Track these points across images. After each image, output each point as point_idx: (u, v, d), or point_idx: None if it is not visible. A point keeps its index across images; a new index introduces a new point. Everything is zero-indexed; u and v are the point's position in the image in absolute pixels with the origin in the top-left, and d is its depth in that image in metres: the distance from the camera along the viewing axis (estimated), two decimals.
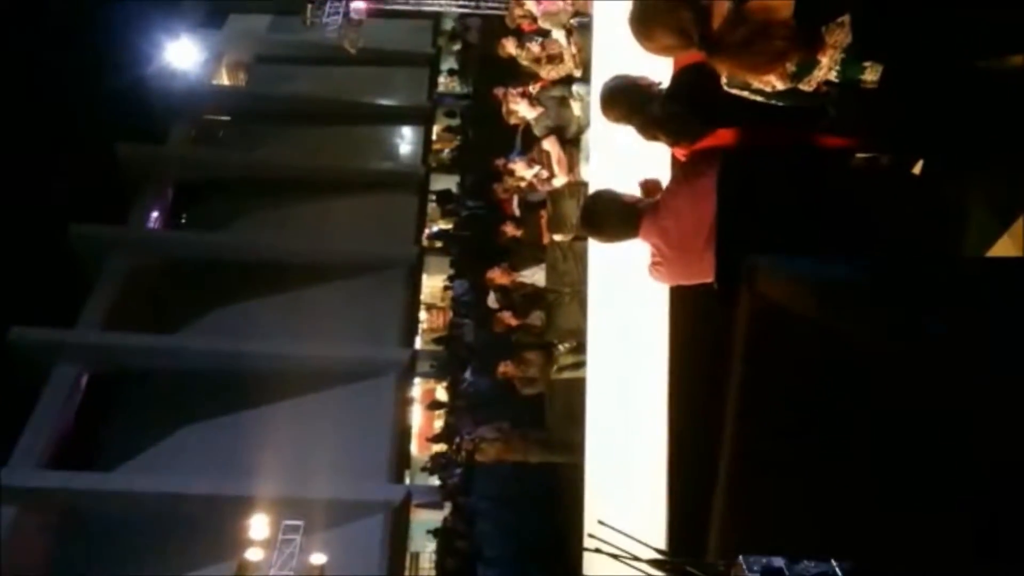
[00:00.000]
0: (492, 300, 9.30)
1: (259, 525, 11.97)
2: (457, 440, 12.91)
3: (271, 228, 19.75)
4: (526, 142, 8.78)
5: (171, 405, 16.44)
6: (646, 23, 2.79)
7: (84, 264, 18.49)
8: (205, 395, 16.45)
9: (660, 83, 3.37)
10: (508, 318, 8.92)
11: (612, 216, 3.17)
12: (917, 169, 2.99)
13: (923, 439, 1.36)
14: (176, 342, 17.39)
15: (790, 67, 2.53)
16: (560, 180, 8.11)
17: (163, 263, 19.18)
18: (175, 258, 19.19)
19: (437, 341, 17.22)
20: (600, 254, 5.54)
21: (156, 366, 17.08)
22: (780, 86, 2.62)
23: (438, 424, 15.87)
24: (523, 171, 8.65)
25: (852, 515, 1.60)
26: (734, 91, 2.77)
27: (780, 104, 2.73)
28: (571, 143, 8.18)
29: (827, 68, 2.51)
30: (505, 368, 8.56)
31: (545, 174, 8.33)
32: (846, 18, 2.41)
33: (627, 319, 4.99)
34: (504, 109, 8.71)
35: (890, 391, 1.38)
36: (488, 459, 8.98)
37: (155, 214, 20.84)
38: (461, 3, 16.94)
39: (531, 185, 8.73)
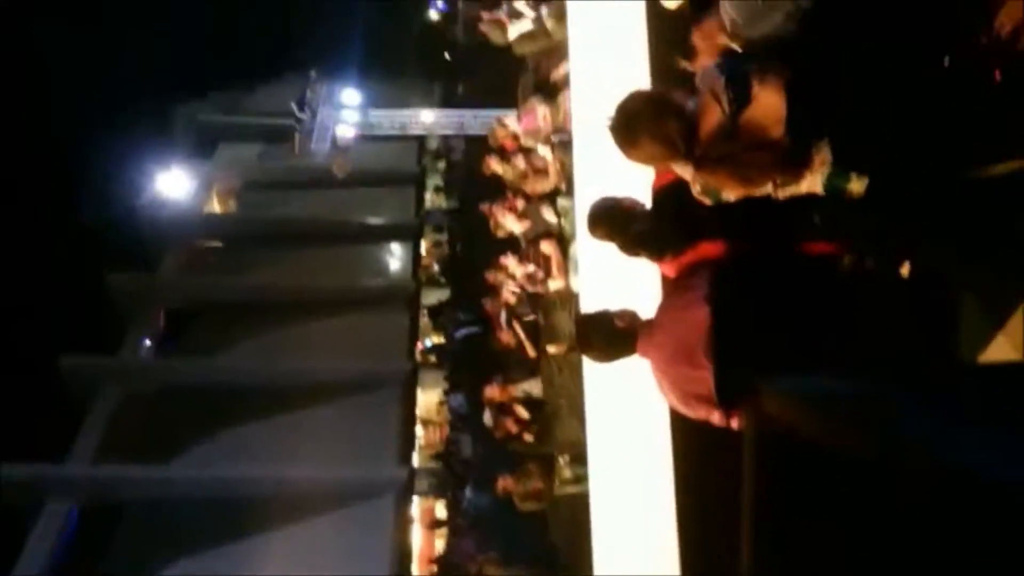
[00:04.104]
0: (488, 418, 9.21)
1: None
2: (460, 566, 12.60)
3: (264, 350, 19.68)
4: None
5: (167, 533, 16.04)
6: (632, 132, 2.79)
7: (76, 395, 18.32)
8: (202, 523, 16.07)
9: (642, 203, 3.43)
10: (510, 423, 8.83)
11: (607, 339, 3.16)
12: (904, 271, 3.02)
13: (936, 555, 1.34)
14: (169, 472, 17.09)
15: (778, 180, 2.57)
16: (557, 283, 8.15)
17: (155, 391, 19.01)
18: (168, 385, 19.03)
19: (435, 457, 16.99)
20: (596, 366, 5.52)
21: (150, 496, 16.75)
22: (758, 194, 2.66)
23: (439, 544, 15.51)
24: (515, 268, 8.71)
25: None
26: (705, 199, 2.78)
27: (761, 213, 2.76)
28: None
29: (812, 181, 2.55)
30: (505, 483, 8.44)
31: (540, 275, 8.38)
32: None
33: (628, 430, 4.94)
34: (492, 223, 8.84)
35: (905, 513, 1.36)
36: None
37: (147, 342, 20.77)
38: (445, 125, 17.38)
39: (521, 286, 8.77)
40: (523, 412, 8.66)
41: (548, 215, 8.40)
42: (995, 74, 2.42)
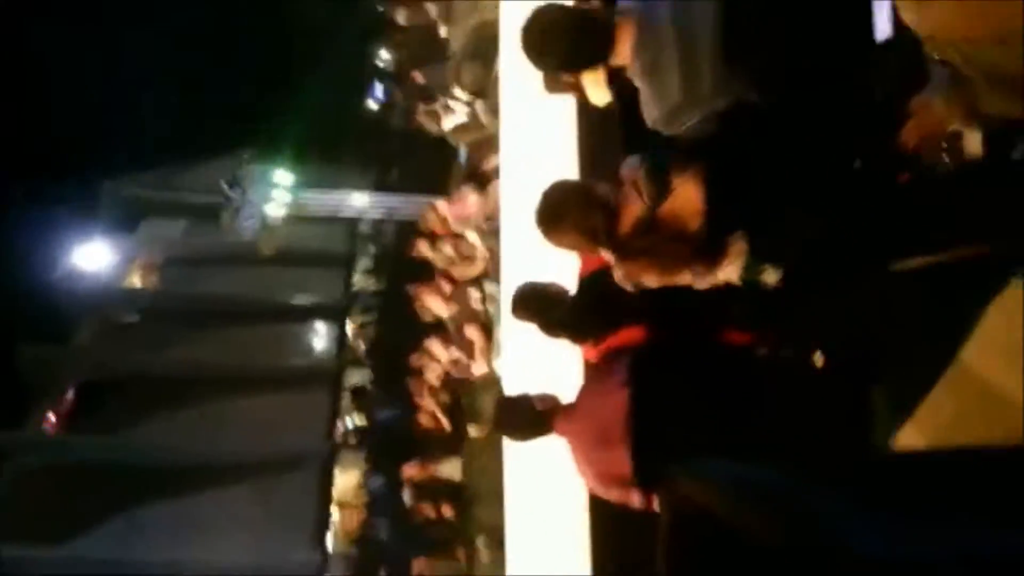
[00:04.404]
0: (408, 497, 9.09)
1: None
2: None
3: (181, 428, 19.11)
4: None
5: None
6: (556, 222, 2.87)
7: None
8: None
9: (566, 290, 3.51)
10: (427, 507, 8.72)
11: (524, 421, 3.19)
12: (818, 361, 3.12)
13: None
14: (69, 552, 16.29)
15: (696, 270, 2.66)
16: (481, 368, 8.16)
17: (58, 468, 18.19)
18: (72, 463, 18.25)
19: (351, 542, 16.58)
20: (516, 449, 5.52)
21: None
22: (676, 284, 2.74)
23: None
24: (441, 352, 8.71)
25: None
26: (626, 286, 2.86)
27: (679, 302, 2.84)
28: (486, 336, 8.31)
29: (728, 271, 2.65)
30: (420, 567, 8.29)
31: (465, 360, 8.40)
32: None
33: (546, 515, 4.92)
34: (417, 306, 8.87)
35: None
36: None
37: (55, 417, 19.99)
38: (377, 209, 17.51)
39: (446, 371, 8.77)
40: (440, 500, 8.59)
41: (474, 301, 8.46)
42: (901, 177, 2.57)
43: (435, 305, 8.67)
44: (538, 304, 3.52)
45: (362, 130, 21.75)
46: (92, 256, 21.68)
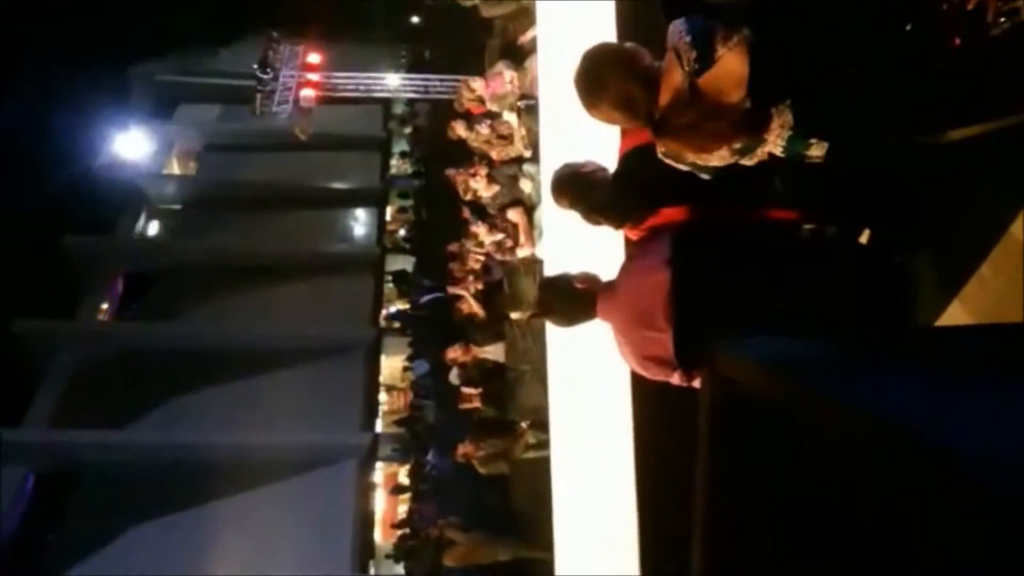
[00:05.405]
0: (454, 376, 9.24)
1: None
2: (423, 531, 12.66)
3: (226, 315, 19.54)
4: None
5: (124, 501, 15.97)
6: (594, 93, 2.74)
7: (31, 360, 18.07)
8: (160, 489, 16.02)
9: (604, 169, 3.40)
10: (472, 394, 8.86)
11: (567, 302, 3.15)
12: (864, 239, 3.03)
13: (891, 526, 1.34)
14: (128, 437, 16.97)
15: (736, 145, 2.57)
16: (526, 251, 8.14)
17: (113, 356, 18.81)
18: (125, 350, 18.83)
19: (398, 423, 17.02)
20: (559, 331, 5.54)
21: (108, 461, 16.62)
22: (718, 163, 2.65)
23: (402, 509, 15.58)
24: (485, 236, 8.69)
25: None
26: (669, 162, 2.76)
27: (723, 179, 2.75)
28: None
29: (772, 145, 2.55)
30: (464, 450, 8.47)
31: (509, 243, 8.37)
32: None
33: (589, 396, 4.97)
34: (460, 189, 8.79)
35: (861, 479, 1.37)
36: (456, 562, 8.82)
37: (105, 305, 20.52)
38: (410, 89, 17.22)
39: (488, 254, 8.77)
40: (474, 389, 8.70)
41: (516, 182, 8.37)
42: (954, 42, 2.43)
43: (475, 187, 8.59)
44: (576, 187, 3.42)
45: (392, 6, 21.29)
46: (131, 144, 21.79)
